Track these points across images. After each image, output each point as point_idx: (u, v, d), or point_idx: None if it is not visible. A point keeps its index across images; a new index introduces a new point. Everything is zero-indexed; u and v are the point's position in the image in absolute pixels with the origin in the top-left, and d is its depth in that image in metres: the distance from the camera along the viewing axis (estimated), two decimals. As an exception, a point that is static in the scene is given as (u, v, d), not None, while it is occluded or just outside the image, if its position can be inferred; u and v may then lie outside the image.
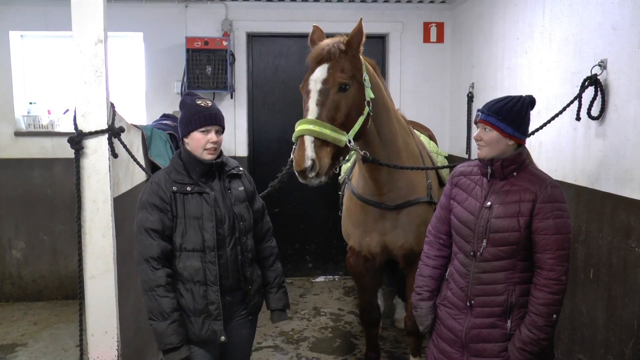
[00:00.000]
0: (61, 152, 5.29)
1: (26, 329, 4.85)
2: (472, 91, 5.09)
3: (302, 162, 2.57)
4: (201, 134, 2.48)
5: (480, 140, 2.35)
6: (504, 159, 2.32)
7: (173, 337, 2.39)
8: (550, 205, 2.25)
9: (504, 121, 2.28)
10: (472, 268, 2.38)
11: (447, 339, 2.49)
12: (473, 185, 2.46)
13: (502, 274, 2.33)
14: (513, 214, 2.28)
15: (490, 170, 2.37)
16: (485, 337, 2.36)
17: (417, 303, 2.62)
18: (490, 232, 2.31)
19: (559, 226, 2.24)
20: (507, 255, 2.31)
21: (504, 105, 2.30)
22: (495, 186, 2.37)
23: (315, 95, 2.71)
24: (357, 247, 3.47)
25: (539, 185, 2.28)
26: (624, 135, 2.88)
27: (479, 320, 2.38)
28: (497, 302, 2.33)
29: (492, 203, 2.34)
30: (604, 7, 3.06)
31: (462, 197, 2.47)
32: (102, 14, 2.83)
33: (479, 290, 2.37)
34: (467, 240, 2.40)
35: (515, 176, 2.34)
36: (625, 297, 2.89)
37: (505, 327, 2.33)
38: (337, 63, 2.74)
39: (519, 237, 2.27)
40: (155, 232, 2.43)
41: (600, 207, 3.09)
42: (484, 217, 2.34)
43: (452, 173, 2.63)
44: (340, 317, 5.11)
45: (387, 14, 5.79)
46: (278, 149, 5.94)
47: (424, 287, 2.61)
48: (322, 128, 2.62)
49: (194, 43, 5.24)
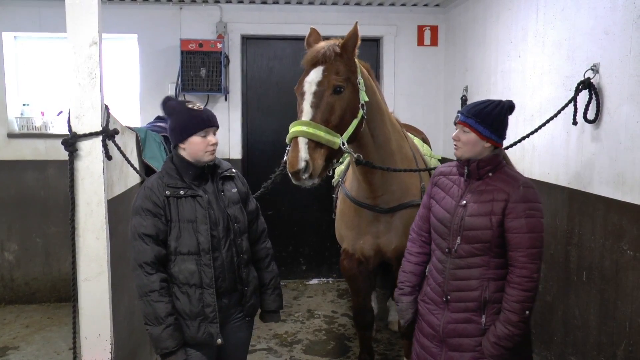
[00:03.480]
0: (55, 154, 5.26)
1: (18, 332, 4.82)
2: (466, 94, 5.11)
3: (296, 164, 2.58)
4: (200, 137, 2.48)
5: (458, 141, 2.45)
6: (480, 160, 2.42)
7: (168, 341, 2.39)
8: (523, 205, 2.33)
9: (483, 124, 2.38)
10: (447, 264, 2.49)
11: (427, 333, 2.61)
12: (451, 184, 2.57)
13: (476, 270, 2.42)
14: (486, 212, 2.38)
15: (467, 170, 2.46)
16: (461, 332, 2.46)
17: (398, 297, 2.74)
18: (464, 229, 2.41)
19: (531, 225, 2.32)
20: (480, 252, 2.40)
21: (483, 109, 2.39)
22: (472, 186, 2.47)
23: (309, 97, 2.72)
24: (351, 250, 3.48)
25: (511, 186, 2.37)
26: (616, 138, 2.90)
27: (454, 315, 2.48)
28: (472, 298, 2.43)
29: (467, 202, 2.44)
30: (596, 11, 3.08)
31: (441, 195, 2.59)
32: (97, 15, 2.82)
33: (454, 285, 2.47)
34: (443, 238, 2.51)
35: (491, 177, 2.43)
36: (617, 299, 2.91)
37: (480, 322, 2.42)
38: (332, 66, 2.75)
39: (491, 235, 2.36)
40: (149, 237, 2.43)
41: (592, 210, 3.11)
42: (458, 215, 2.45)
43: (433, 173, 2.75)
44: (334, 319, 5.11)
45: (382, 17, 5.81)
46: (272, 151, 5.93)
47: (405, 282, 2.73)
48: (316, 130, 2.62)
49: (189, 45, 5.23)
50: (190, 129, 2.47)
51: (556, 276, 3.47)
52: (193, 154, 2.50)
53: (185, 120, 2.48)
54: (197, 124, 2.48)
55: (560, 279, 3.42)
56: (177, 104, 2.57)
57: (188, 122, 2.48)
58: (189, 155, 2.51)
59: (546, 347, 3.59)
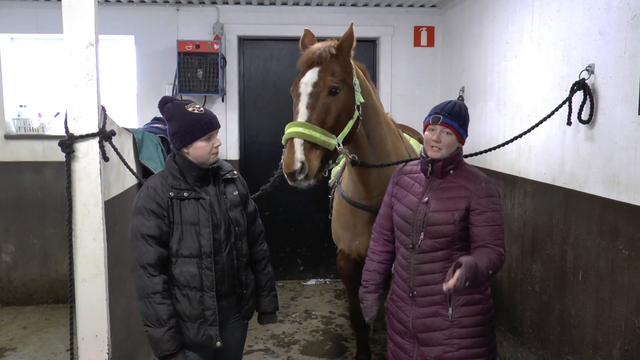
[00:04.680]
0: (52, 155, 5.26)
1: (15, 333, 4.82)
2: (462, 95, 5.12)
3: (292, 164, 2.58)
4: (205, 142, 2.45)
5: (439, 142, 2.47)
6: (445, 159, 2.49)
7: (169, 343, 2.38)
8: (487, 200, 2.45)
9: (463, 126, 2.49)
10: (412, 260, 2.55)
11: (398, 331, 2.66)
12: (412, 182, 2.64)
13: (439, 264, 2.49)
14: (448, 208, 2.46)
15: (430, 169, 2.53)
16: (430, 326, 2.52)
17: (363, 295, 2.80)
18: (427, 225, 2.49)
19: (495, 218, 2.44)
20: (442, 246, 2.48)
21: (459, 110, 2.48)
22: (433, 183, 2.55)
23: (305, 99, 2.73)
24: (347, 251, 3.49)
25: (473, 182, 2.48)
26: (611, 139, 2.91)
27: (422, 309, 2.54)
28: (437, 291, 2.47)
29: (430, 199, 2.52)
30: (591, 12, 3.10)
31: (402, 194, 2.65)
32: (94, 16, 2.83)
33: (419, 280, 2.54)
34: (407, 234, 2.57)
35: (452, 174, 2.52)
36: (613, 298, 2.92)
37: (447, 315, 2.48)
38: (327, 67, 2.76)
39: (453, 230, 2.46)
40: (152, 238, 2.40)
41: (588, 210, 3.13)
42: (421, 211, 2.52)
43: (394, 172, 2.82)
44: (331, 320, 5.12)
45: (378, 18, 5.82)
46: (269, 152, 5.94)
47: (369, 280, 2.78)
48: (311, 131, 2.63)
49: (186, 46, 5.24)
50: (193, 134, 2.43)
51: (552, 276, 3.48)
52: (198, 157, 2.47)
53: (188, 125, 2.43)
54: (200, 129, 2.44)
55: (557, 278, 3.43)
56: (177, 107, 2.49)
57: (191, 127, 2.43)
58: (193, 158, 2.48)
59: (542, 346, 3.61)
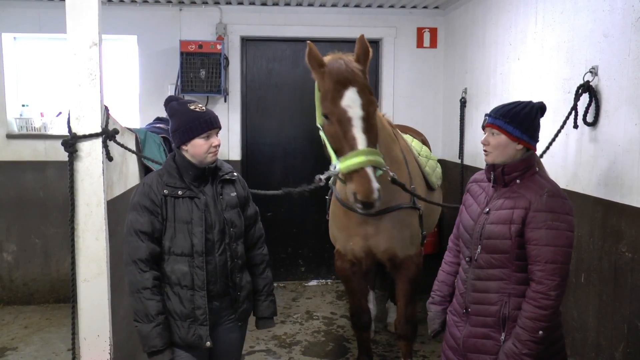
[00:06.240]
0: (54, 154, 5.26)
1: (17, 332, 4.82)
2: (465, 96, 5.12)
3: (371, 194, 2.61)
4: (203, 140, 2.47)
5: (487, 145, 2.29)
6: (505, 165, 2.26)
7: (157, 340, 2.40)
8: (544, 215, 2.14)
9: (512, 124, 2.21)
10: (469, 274, 2.36)
11: (450, 346, 2.48)
12: (480, 191, 2.43)
13: (495, 283, 2.27)
14: (505, 220, 2.22)
15: (492, 176, 2.32)
16: (480, 348, 2.32)
17: (428, 306, 2.67)
18: (484, 238, 2.27)
19: (552, 237, 2.12)
20: (499, 263, 2.25)
21: (512, 109, 2.24)
22: (498, 192, 2.32)
23: (359, 123, 2.72)
24: (343, 251, 3.52)
25: (535, 193, 2.19)
26: (615, 141, 2.91)
27: (474, 329, 2.34)
28: (490, 312, 2.28)
29: (490, 209, 2.30)
30: (595, 14, 3.09)
31: (469, 202, 2.47)
32: (97, 16, 2.83)
33: (474, 297, 2.34)
34: (467, 246, 2.39)
35: (518, 183, 2.26)
36: (615, 301, 2.91)
37: (499, 340, 2.26)
38: (363, 85, 2.76)
39: (510, 246, 2.20)
40: (145, 234, 2.43)
41: (591, 212, 3.12)
42: (480, 222, 2.31)
43: (469, 179, 2.62)
44: (332, 320, 5.11)
45: (381, 19, 5.81)
46: (271, 152, 5.95)
47: (436, 291, 2.64)
48: (376, 156, 2.68)
49: (188, 46, 5.24)
50: (193, 131, 2.46)
51: (555, 278, 3.48)
52: (196, 155, 2.49)
53: (188, 123, 2.46)
54: (199, 127, 2.46)
55: (559, 280, 3.43)
56: (180, 105, 2.54)
57: (191, 125, 2.46)
58: (191, 156, 2.50)
59: (545, 349, 3.60)
